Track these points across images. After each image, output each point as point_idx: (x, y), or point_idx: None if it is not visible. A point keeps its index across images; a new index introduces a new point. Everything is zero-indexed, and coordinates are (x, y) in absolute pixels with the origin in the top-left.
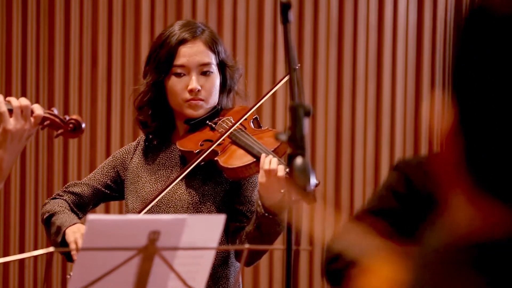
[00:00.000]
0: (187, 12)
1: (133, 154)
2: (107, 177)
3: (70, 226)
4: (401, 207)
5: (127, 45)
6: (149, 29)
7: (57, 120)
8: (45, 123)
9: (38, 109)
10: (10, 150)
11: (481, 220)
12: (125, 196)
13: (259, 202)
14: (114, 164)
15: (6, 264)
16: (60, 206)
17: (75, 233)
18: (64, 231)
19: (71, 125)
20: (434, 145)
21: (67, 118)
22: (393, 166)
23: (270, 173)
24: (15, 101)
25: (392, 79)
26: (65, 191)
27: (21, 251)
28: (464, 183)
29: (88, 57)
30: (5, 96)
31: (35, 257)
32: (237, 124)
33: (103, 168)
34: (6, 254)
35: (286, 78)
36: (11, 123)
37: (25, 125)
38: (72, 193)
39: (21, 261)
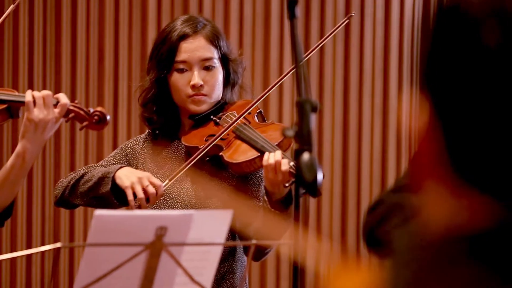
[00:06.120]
0: (193, 8)
1: (143, 145)
2: (120, 162)
3: (119, 170)
4: None
5: (133, 41)
6: (156, 25)
7: (82, 112)
8: (70, 115)
9: (63, 98)
10: (33, 140)
11: (466, 212)
12: None
13: (265, 198)
14: (125, 152)
15: (13, 260)
16: (83, 169)
17: (129, 177)
18: (113, 176)
19: (96, 117)
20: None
21: (92, 110)
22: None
23: (274, 167)
24: (37, 92)
25: (399, 75)
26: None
27: (28, 247)
28: (444, 175)
29: (94, 53)
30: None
31: (42, 253)
32: (240, 118)
33: (115, 156)
34: (13, 250)
35: (292, 71)
36: (35, 112)
37: (48, 115)
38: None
39: (28, 257)
